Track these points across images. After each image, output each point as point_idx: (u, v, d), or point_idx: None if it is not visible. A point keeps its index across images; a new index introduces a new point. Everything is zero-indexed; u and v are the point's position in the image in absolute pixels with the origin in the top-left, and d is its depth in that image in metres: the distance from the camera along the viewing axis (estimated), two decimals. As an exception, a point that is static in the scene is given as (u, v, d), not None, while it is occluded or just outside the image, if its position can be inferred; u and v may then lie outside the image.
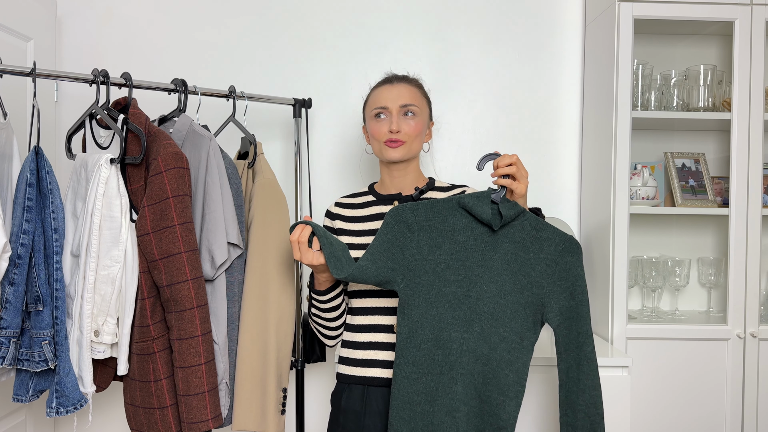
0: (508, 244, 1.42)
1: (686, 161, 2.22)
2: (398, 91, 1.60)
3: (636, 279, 2.21)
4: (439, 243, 1.43)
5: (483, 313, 1.41)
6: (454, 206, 1.43)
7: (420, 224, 1.43)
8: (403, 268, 1.43)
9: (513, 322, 1.41)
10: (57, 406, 1.45)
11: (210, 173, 1.56)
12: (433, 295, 1.42)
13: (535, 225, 1.43)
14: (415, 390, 1.41)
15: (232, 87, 1.82)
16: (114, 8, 2.26)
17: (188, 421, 1.48)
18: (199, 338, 1.48)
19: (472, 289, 1.41)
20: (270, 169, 1.74)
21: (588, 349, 1.41)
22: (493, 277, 1.41)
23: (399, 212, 1.44)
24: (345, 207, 1.68)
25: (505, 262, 1.42)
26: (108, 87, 1.56)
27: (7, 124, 1.47)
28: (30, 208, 1.42)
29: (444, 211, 1.43)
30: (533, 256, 1.42)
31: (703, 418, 2.01)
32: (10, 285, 1.41)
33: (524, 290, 1.42)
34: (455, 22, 2.30)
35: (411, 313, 1.42)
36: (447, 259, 1.42)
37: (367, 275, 1.41)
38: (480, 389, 1.41)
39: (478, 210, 1.40)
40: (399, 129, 1.57)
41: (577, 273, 1.41)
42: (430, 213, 1.44)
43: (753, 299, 2.01)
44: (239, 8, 2.27)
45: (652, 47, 2.31)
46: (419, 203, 1.45)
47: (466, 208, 1.42)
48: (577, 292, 1.41)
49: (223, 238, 1.55)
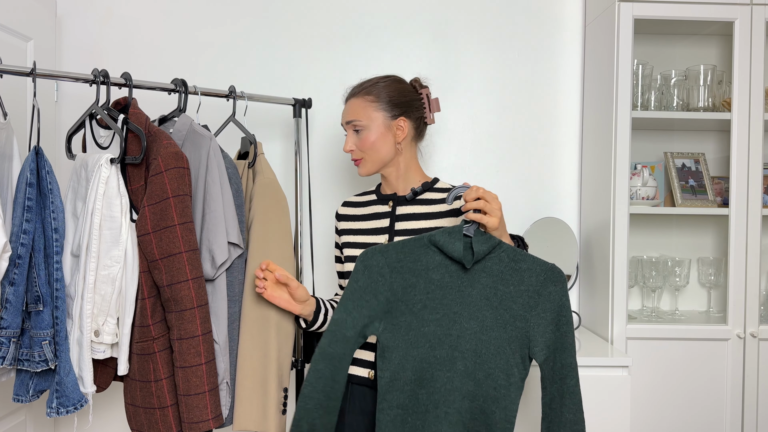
0: (486, 279, 1.38)
1: (686, 161, 2.22)
2: (347, 108, 1.63)
3: (636, 279, 2.21)
4: (414, 283, 1.39)
5: (465, 350, 1.37)
6: (425, 244, 1.39)
7: (391, 266, 1.39)
8: (379, 313, 1.39)
9: (497, 359, 1.37)
10: (57, 406, 1.45)
11: (210, 173, 1.56)
12: (413, 335, 1.38)
13: (512, 256, 1.38)
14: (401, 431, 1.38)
15: (232, 87, 1.82)
16: (114, 8, 2.26)
17: (189, 421, 1.48)
18: (200, 338, 1.48)
19: (452, 327, 1.37)
20: (270, 168, 1.74)
21: (571, 383, 1.35)
22: (473, 314, 1.37)
23: (368, 257, 1.40)
24: (351, 206, 1.71)
25: (485, 297, 1.38)
26: (108, 87, 1.56)
27: (7, 124, 1.47)
28: (30, 208, 1.42)
29: (416, 250, 1.39)
30: (514, 289, 1.37)
31: (703, 418, 2.01)
32: (11, 285, 1.41)
33: (507, 325, 1.37)
34: (455, 22, 2.30)
35: (391, 356, 1.38)
36: (423, 299, 1.38)
37: (345, 327, 1.37)
38: (468, 425, 1.38)
39: (450, 248, 1.36)
40: (349, 148, 1.61)
41: (562, 303, 1.37)
42: (401, 254, 1.40)
43: (753, 299, 2.01)
44: (239, 8, 2.27)
45: (652, 47, 2.32)
46: (388, 245, 1.41)
47: (437, 246, 1.38)
48: (562, 323, 1.37)
49: (224, 237, 1.55)
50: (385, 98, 1.61)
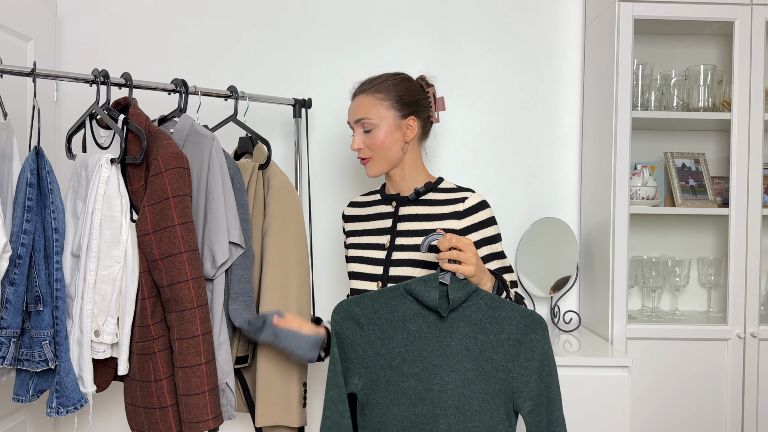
0: (465, 328, 1.32)
1: (686, 161, 2.23)
2: (356, 105, 1.58)
3: (636, 279, 2.22)
4: (391, 335, 1.34)
5: (448, 407, 1.30)
6: (401, 293, 1.35)
7: (368, 317, 1.36)
8: (357, 366, 1.36)
9: (482, 415, 1.31)
10: (57, 406, 1.45)
11: (212, 173, 1.56)
12: (392, 392, 1.33)
13: (491, 304, 1.33)
14: None
15: (232, 87, 1.82)
16: (114, 8, 2.26)
17: (189, 421, 1.48)
18: (200, 338, 1.48)
19: (432, 381, 1.31)
20: (282, 172, 1.76)
21: None
22: (453, 366, 1.31)
23: (344, 308, 1.37)
24: (356, 206, 1.71)
25: (464, 347, 1.32)
26: (108, 87, 1.56)
27: (8, 124, 1.47)
28: (30, 208, 1.42)
29: (391, 300, 1.35)
30: (494, 338, 1.32)
31: (703, 418, 2.01)
32: (11, 285, 1.41)
33: (489, 377, 1.31)
34: (455, 21, 2.30)
35: (372, 414, 1.34)
36: (402, 351, 1.33)
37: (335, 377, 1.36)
38: None
39: (425, 296, 1.31)
40: (358, 146, 1.57)
41: (544, 351, 1.31)
42: (376, 304, 1.36)
43: (753, 299, 2.01)
44: (239, 8, 2.27)
45: (652, 47, 2.32)
46: (364, 295, 1.38)
47: (413, 295, 1.33)
48: (545, 373, 1.31)
49: (225, 237, 1.55)
50: (395, 96, 1.57)
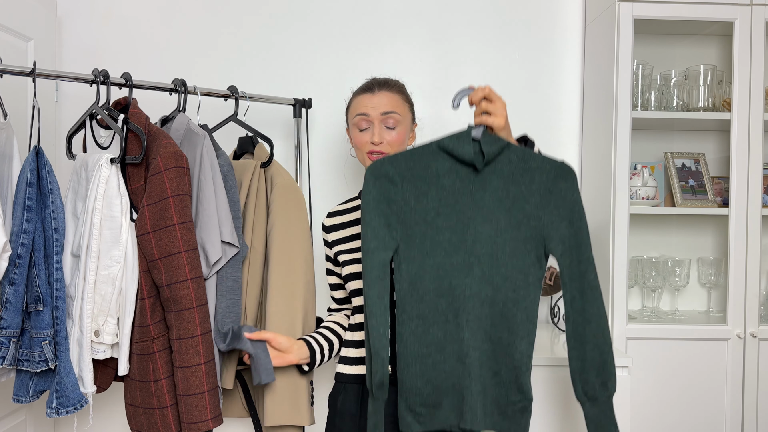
0: (497, 181, 1.36)
1: (686, 161, 2.23)
2: (379, 99, 1.57)
3: (636, 279, 2.22)
4: (425, 191, 1.37)
5: (482, 255, 1.35)
6: (434, 150, 1.38)
7: (402, 175, 1.38)
8: (394, 222, 1.38)
9: (514, 260, 1.36)
10: (57, 406, 1.45)
11: (203, 171, 1.56)
12: (428, 245, 1.36)
13: (522, 156, 1.37)
14: (423, 342, 1.36)
15: (232, 87, 1.82)
16: (114, 8, 2.26)
17: (188, 421, 1.48)
18: (199, 338, 1.48)
19: (466, 232, 1.36)
20: (285, 170, 1.75)
21: (591, 277, 1.36)
22: (486, 217, 1.36)
23: (377, 167, 1.38)
24: (336, 215, 1.69)
25: (497, 199, 1.36)
26: (108, 87, 1.56)
27: (8, 124, 1.47)
28: (30, 208, 1.42)
29: (425, 157, 1.38)
30: (525, 189, 1.36)
31: (703, 418, 2.01)
32: (11, 285, 1.41)
33: (521, 225, 1.36)
34: (455, 22, 2.30)
35: (408, 268, 1.37)
36: (436, 206, 1.37)
37: (369, 240, 1.36)
38: (489, 332, 1.36)
39: (459, 151, 1.35)
40: (381, 140, 1.56)
41: (574, 198, 1.36)
42: (410, 161, 1.38)
43: (753, 299, 2.01)
44: (239, 8, 2.27)
45: (652, 47, 2.32)
46: (397, 153, 1.40)
47: (446, 151, 1.37)
48: (575, 219, 1.37)
49: (217, 236, 1.55)
50: (410, 101, 1.65)
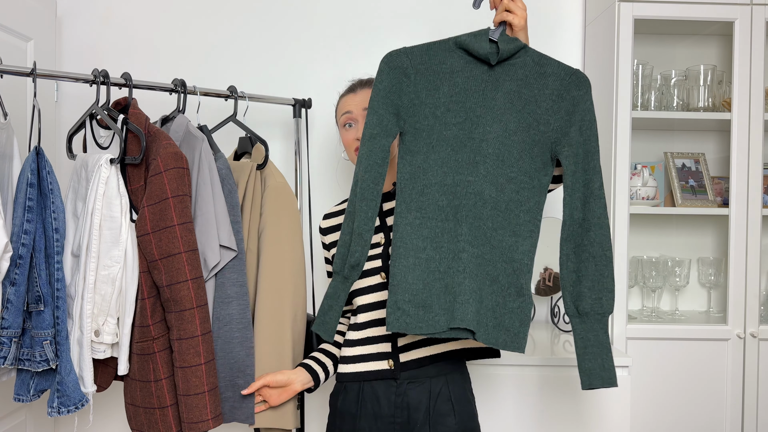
0: (510, 83, 1.34)
1: (686, 161, 2.23)
2: (361, 97, 1.60)
3: (636, 279, 2.22)
4: (437, 85, 1.35)
5: (488, 154, 1.33)
6: (451, 47, 1.36)
7: (416, 68, 1.36)
8: (403, 113, 1.37)
9: (521, 162, 1.34)
10: (58, 405, 1.45)
11: (201, 174, 1.56)
12: (434, 139, 1.34)
13: (538, 60, 1.35)
14: (419, 235, 1.33)
15: (232, 87, 1.82)
16: (114, 8, 2.26)
17: (188, 421, 1.48)
18: (199, 338, 1.48)
19: (474, 130, 1.34)
20: (279, 172, 1.75)
21: (595, 186, 1.34)
22: (496, 117, 1.34)
23: (393, 58, 1.37)
24: (333, 216, 1.70)
25: (509, 100, 1.34)
26: (108, 87, 1.56)
27: (8, 124, 1.47)
28: (31, 209, 1.42)
29: (440, 52, 1.36)
30: (538, 93, 1.34)
31: (703, 418, 2.01)
32: (12, 285, 1.41)
33: (530, 128, 1.34)
34: (455, 22, 2.30)
35: (412, 160, 1.35)
36: (446, 102, 1.35)
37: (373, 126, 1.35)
38: (489, 235, 1.34)
39: (475, 46, 1.33)
40: None
41: (586, 107, 1.34)
42: (425, 56, 1.36)
43: (753, 299, 2.01)
44: (239, 8, 2.27)
45: (652, 47, 2.32)
46: (414, 46, 1.39)
47: (462, 47, 1.35)
48: (585, 127, 1.34)
49: (215, 240, 1.55)
50: None
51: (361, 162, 1.37)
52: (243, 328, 1.61)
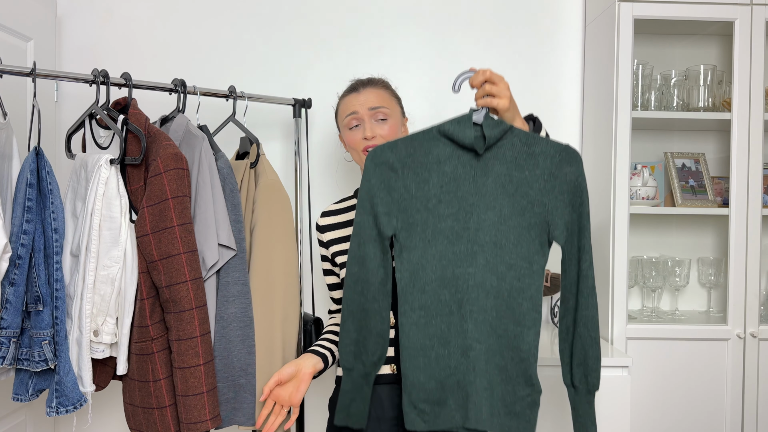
0: (499, 166, 1.33)
1: (686, 161, 2.22)
2: (365, 96, 1.59)
3: (636, 279, 2.21)
4: (426, 177, 1.33)
5: (485, 243, 1.32)
6: (435, 135, 1.34)
7: (402, 161, 1.34)
8: (394, 210, 1.35)
9: (519, 248, 1.33)
10: (57, 405, 1.45)
11: (201, 173, 1.56)
12: (430, 233, 1.33)
13: (525, 140, 1.33)
14: (426, 334, 1.33)
15: (232, 87, 1.82)
16: (114, 8, 2.26)
17: (187, 422, 1.48)
18: (198, 339, 1.48)
19: (469, 220, 1.32)
20: (273, 169, 1.74)
21: (585, 265, 1.33)
22: (489, 204, 1.33)
23: (377, 154, 1.35)
24: (331, 214, 1.69)
25: (500, 185, 1.33)
26: (108, 87, 1.56)
27: (7, 124, 1.47)
28: (30, 209, 1.42)
29: (425, 142, 1.34)
30: (529, 174, 1.33)
31: (703, 418, 2.01)
32: (11, 285, 1.41)
33: (525, 212, 1.33)
34: (455, 22, 2.30)
35: (410, 257, 1.33)
36: (437, 193, 1.33)
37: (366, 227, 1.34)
38: (494, 324, 1.33)
39: (460, 135, 1.31)
40: (374, 134, 1.56)
41: (579, 183, 1.33)
42: (410, 148, 1.35)
43: (753, 299, 2.01)
44: (239, 8, 2.27)
45: (652, 47, 2.31)
46: (397, 140, 1.37)
47: (447, 135, 1.33)
48: (577, 204, 1.33)
49: (214, 239, 1.54)
50: (396, 95, 1.67)
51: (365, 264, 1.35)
52: (245, 326, 1.61)
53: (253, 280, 1.64)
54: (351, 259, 1.37)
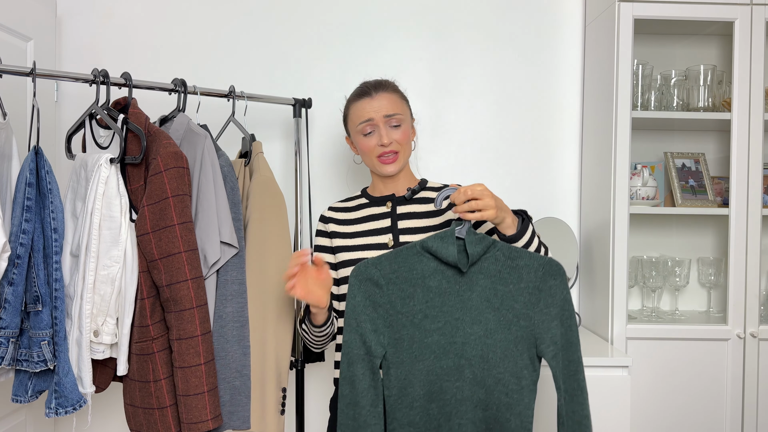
0: (484, 280, 1.35)
1: (686, 161, 2.22)
2: (379, 102, 1.58)
3: (636, 279, 2.21)
4: (411, 293, 1.35)
5: (472, 357, 1.33)
6: (419, 251, 1.36)
7: (387, 277, 1.36)
8: (381, 326, 1.36)
9: (506, 362, 1.34)
10: (56, 406, 1.45)
11: (204, 171, 1.56)
12: (416, 348, 1.34)
13: (509, 254, 1.36)
14: None
15: (231, 87, 1.82)
16: (114, 8, 2.26)
17: (188, 422, 1.48)
18: (199, 338, 1.48)
19: (455, 334, 1.34)
20: (267, 166, 1.74)
21: (580, 377, 1.34)
22: (475, 318, 1.34)
23: (362, 270, 1.37)
24: (338, 210, 1.69)
25: (485, 299, 1.35)
26: (108, 87, 1.56)
27: (7, 124, 1.47)
28: (29, 208, 1.42)
29: (409, 258, 1.36)
30: (513, 288, 1.35)
31: (703, 418, 2.01)
32: (9, 285, 1.41)
33: (511, 325, 1.34)
34: (455, 21, 2.30)
35: (397, 372, 1.35)
36: (423, 308, 1.35)
37: (354, 347, 1.35)
38: None
39: (443, 252, 1.34)
40: (390, 140, 1.56)
41: (564, 296, 1.34)
42: (394, 263, 1.37)
43: (753, 299, 2.01)
44: (239, 8, 2.27)
45: (652, 47, 2.31)
46: (381, 256, 1.38)
47: (430, 252, 1.36)
48: (565, 317, 1.34)
49: (216, 237, 1.54)
50: (405, 98, 1.67)
51: (355, 385, 1.34)
52: (240, 326, 1.61)
53: (247, 278, 1.64)
54: (342, 380, 1.36)
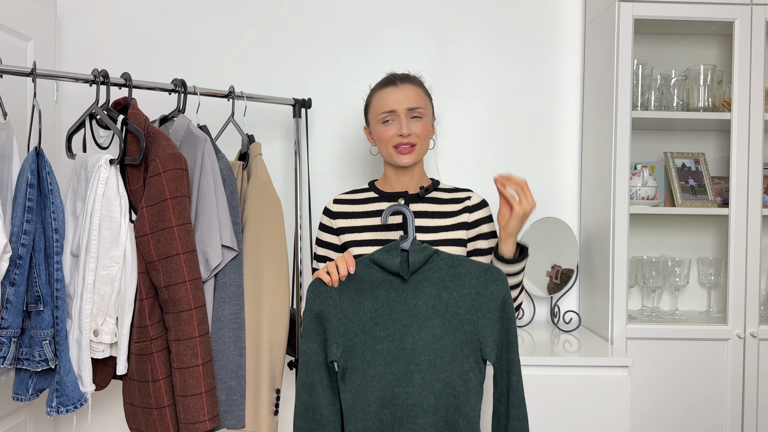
0: (429, 288, 1.41)
1: (686, 161, 2.22)
2: (404, 93, 1.58)
3: (636, 279, 2.21)
4: (361, 302, 1.42)
5: (420, 362, 1.39)
6: (367, 264, 1.43)
7: (339, 289, 1.43)
8: (334, 336, 1.42)
9: (452, 366, 1.39)
10: (57, 405, 1.46)
11: (204, 174, 1.56)
12: (368, 354, 1.41)
13: (451, 263, 1.42)
14: None
15: (231, 87, 1.82)
16: (114, 8, 2.26)
17: (185, 422, 1.48)
18: (197, 339, 1.48)
19: (404, 340, 1.40)
20: (265, 170, 1.74)
21: (514, 378, 1.39)
22: (422, 324, 1.40)
23: (317, 284, 1.43)
24: (345, 203, 1.67)
25: (430, 306, 1.41)
26: (108, 87, 1.56)
27: (7, 124, 1.47)
28: (30, 209, 1.42)
29: (360, 269, 1.43)
30: (457, 294, 1.41)
31: (703, 418, 2.01)
32: (11, 285, 1.41)
33: (456, 331, 1.40)
34: (455, 21, 2.30)
35: (351, 378, 1.41)
36: (373, 316, 1.41)
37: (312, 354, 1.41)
38: None
39: (387, 262, 1.41)
40: (410, 131, 1.56)
41: (505, 300, 1.40)
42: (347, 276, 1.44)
43: (753, 299, 2.01)
44: (239, 8, 2.28)
45: (652, 47, 2.31)
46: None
47: (377, 263, 1.42)
48: (505, 319, 1.40)
49: (218, 240, 1.55)
50: (430, 95, 1.67)
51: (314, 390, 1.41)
52: (237, 328, 1.62)
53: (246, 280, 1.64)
54: (300, 388, 1.43)
